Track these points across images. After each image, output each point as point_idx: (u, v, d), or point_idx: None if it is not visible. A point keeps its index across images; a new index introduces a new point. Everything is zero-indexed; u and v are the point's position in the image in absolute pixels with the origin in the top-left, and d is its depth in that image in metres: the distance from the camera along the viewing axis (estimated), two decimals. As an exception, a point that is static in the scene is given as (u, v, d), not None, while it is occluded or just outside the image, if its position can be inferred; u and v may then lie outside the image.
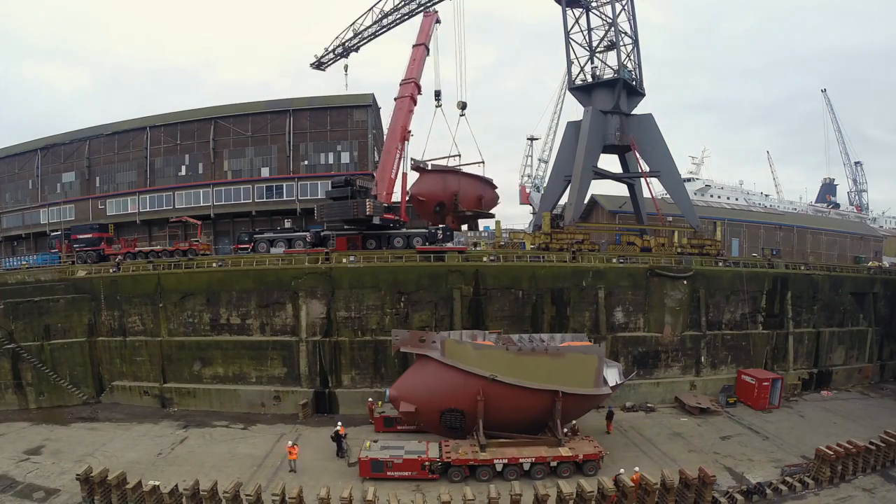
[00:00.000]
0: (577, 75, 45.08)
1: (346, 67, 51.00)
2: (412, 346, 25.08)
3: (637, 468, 19.81)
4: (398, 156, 39.50)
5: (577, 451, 22.44)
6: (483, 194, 44.33)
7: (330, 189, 37.68)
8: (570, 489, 17.74)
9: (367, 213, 34.43)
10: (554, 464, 22.02)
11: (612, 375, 25.43)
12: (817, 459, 21.91)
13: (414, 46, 43.10)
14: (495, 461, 21.63)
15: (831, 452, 21.62)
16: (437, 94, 43.23)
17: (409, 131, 41.19)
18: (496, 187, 46.84)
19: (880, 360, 40.78)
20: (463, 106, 44.19)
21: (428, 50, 43.34)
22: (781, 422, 29.74)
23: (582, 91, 44.82)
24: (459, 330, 28.04)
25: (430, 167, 43.54)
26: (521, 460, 21.77)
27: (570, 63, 45.13)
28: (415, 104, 41.87)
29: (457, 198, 41.84)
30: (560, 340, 26.58)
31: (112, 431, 28.14)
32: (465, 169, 44.69)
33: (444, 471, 21.80)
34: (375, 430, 27.07)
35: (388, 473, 21.50)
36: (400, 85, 41.77)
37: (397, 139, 39.72)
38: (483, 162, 45.00)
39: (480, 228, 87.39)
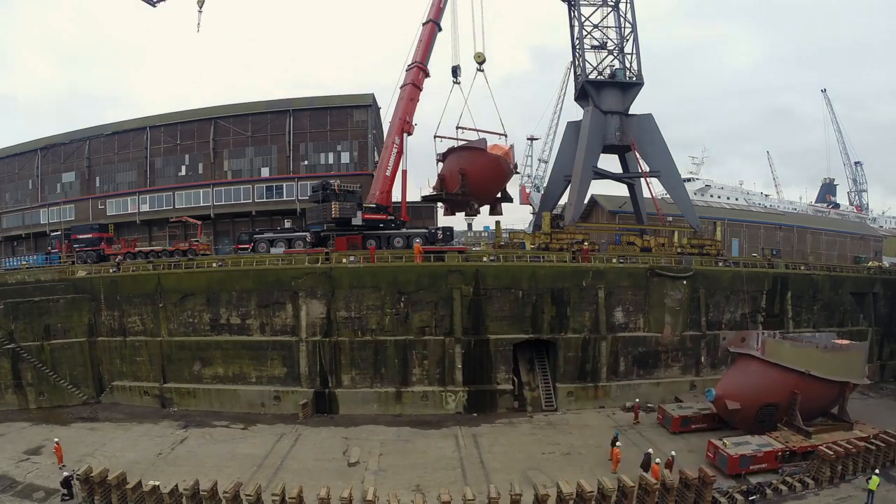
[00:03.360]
0: (580, 78, 44.89)
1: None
2: (736, 346, 27.72)
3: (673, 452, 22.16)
4: (396, 151, 38.73)
5: (866, 433, 24.36)
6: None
7: (311, 193, 38.28)
8: (570, 489, 17.75)
9: (333, 215, 34.92)
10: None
11: None
12: (817, 459, 21.92)
13: (423, 24, 40.60)
14: (822, 447, 22.38)
15: (831, 452, 21.63)
16: (455, 71, 40.89)
17: (411, 123, 39.30)
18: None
19: (880, 360, 40.75)
20: (478, 60, 41.02)
21: (440, 27, 40.90)
22: (781, 422, 29.68)
23: (580, 97, 44.72)
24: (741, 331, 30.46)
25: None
26: (840, 443, 22.60)
27: (576, 70, 45.01)
28: (419, 91, 40.07)
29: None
30: (818, 337, 28.72)
31: (112, 431, 28.16)
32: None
33: (786, 459, 22.89)
34: (672, 431, 27.32)
35: (752, 467, 22.22)
36: (405, 70, 40.35)
37: (395, 132, 38.77)
38: (506, 135, 42.41)
39: (481, 227, 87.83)
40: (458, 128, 42.16)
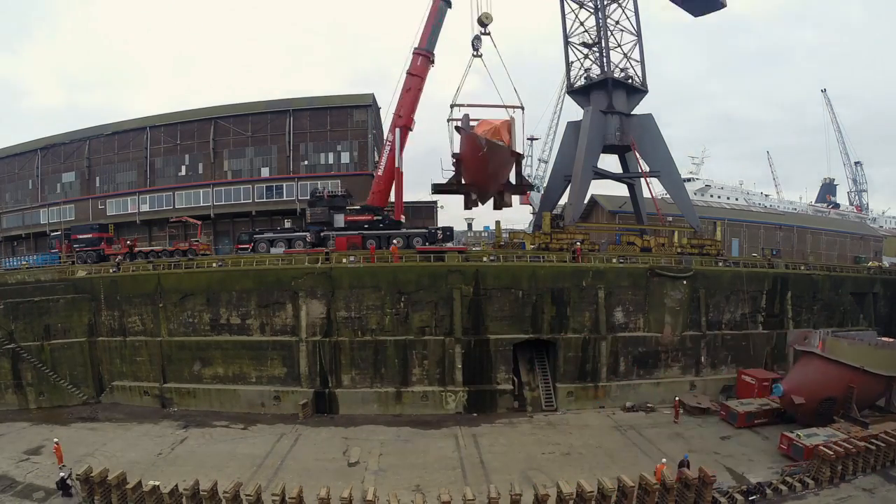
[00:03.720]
0: (576, 76, 44.99)
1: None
2: (800, 344, 29.87)
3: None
4: (389, 148, 37.65)
5: None
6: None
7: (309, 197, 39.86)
8: (570, 489, 17.74)
9: (308, 220, 36.98)
10: None
11: None
12: (817, 459, 21.91)
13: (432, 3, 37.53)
14: (881, 435, 23.85)
15: (831, 452, 21.63)
16: (475, 41, 36.37)
17: (407, 117, 36.95)
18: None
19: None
20: (486, 21, 35.63)
21: (448, 3, 37.73)
22: (781, 422, 29.75)
23: (580, 93, 44.74)
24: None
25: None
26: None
27: (568, 64, 45.09)
28: (419, 80, 37.28)
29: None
30: (863, 335, 30.80)
31: (112, 431, 28.16)
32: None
33: None
34: (737, 426, 28.30)
35: None
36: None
37: (390, 128, 37.22)
38: (522, 108, 35.50)
39: (481, 227, 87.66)
40: (452, 106, 36.24)
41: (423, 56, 36.71)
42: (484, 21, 36.01)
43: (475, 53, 36.87)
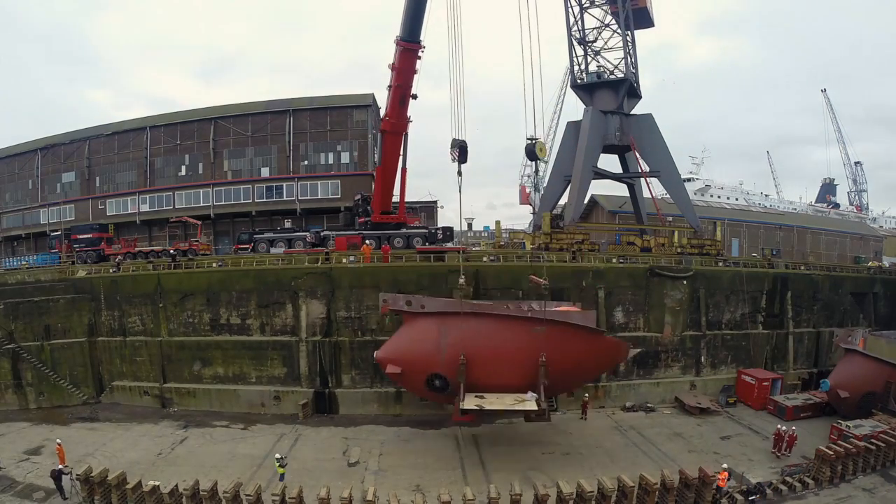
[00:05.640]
0: (579, 74, 45.01)
1: None
2: (844, 343, 31.34)
3: None
4: (381, 151, 36.63)
5: None
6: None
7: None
8: (570, 489, 17.73)
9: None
10: None
11: None
12: (817, 459, 21.92)
13: None
14: (881, 435, 24.53)
15: (831, 452, 21.63)
16: (532, 152, 26.68)
17: (391, 119, 33.08)
18: (602, 332, 25.17)
19: (880, 360, 40.76)
20: (540, 156, 25.08)
21: None
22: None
23: (584, 90, 44.74)
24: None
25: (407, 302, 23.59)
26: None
27: (572, 61, 45.11)
28: (403, 76, 32.03)
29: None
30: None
31: (112, 431, 28.16)
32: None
33: None
34: (786, 419, 28.92)
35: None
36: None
37: (380, 128, 35.01)
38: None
39: (481, 227, 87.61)
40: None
41: (404, 47, 31.28)
42: (538, 154, 24.62)
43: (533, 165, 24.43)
